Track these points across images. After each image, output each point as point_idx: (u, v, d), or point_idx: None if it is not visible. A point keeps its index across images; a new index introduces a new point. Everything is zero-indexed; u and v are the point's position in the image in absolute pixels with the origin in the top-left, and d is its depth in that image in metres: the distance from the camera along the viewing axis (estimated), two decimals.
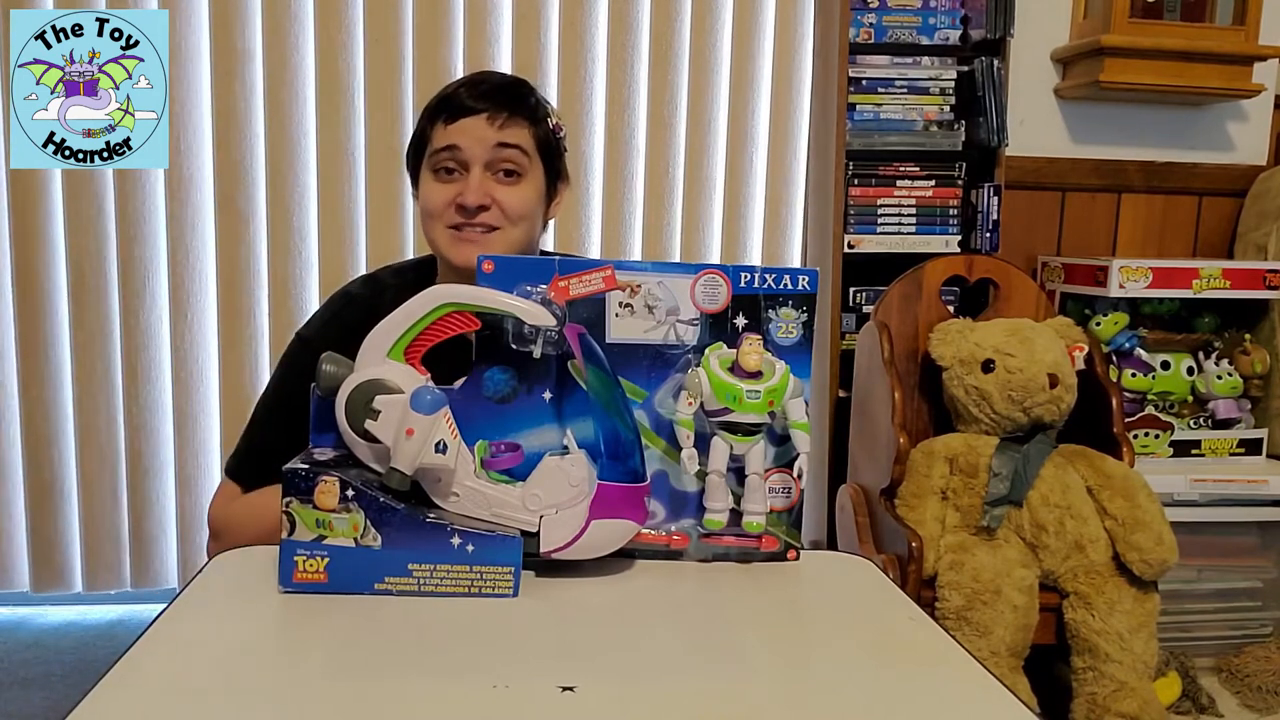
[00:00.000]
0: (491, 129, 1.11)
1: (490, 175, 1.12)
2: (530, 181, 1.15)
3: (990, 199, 2.07)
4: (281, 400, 1.18)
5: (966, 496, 1.67)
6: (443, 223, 1.13)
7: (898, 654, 0.74)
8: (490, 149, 1.11)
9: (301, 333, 1.23)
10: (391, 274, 1.27)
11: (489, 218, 1.12)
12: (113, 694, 0.63)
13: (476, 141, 1.11)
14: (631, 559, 0.88)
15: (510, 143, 1.12)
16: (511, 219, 1.13)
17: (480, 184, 1.11)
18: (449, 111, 1.12)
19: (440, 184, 1.13)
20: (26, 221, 2.03)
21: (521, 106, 1.14)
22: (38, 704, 1.85)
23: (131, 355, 2.08)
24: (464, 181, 1.12)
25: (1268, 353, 2.10)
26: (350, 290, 1.25)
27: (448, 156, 1.12)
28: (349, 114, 2.06)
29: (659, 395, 0.87)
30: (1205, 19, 2.18)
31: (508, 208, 1.12)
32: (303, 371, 1.18)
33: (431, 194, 1.14)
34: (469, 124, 1.11)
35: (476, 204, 1.11)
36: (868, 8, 2.05)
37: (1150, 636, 1.59)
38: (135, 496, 2.12)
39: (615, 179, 2.15)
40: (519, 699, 0.63)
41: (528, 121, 1.14)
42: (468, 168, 1.12)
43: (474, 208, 1.11)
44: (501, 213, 1.12)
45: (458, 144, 1.11)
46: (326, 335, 1.17)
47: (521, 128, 1.13)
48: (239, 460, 1.20)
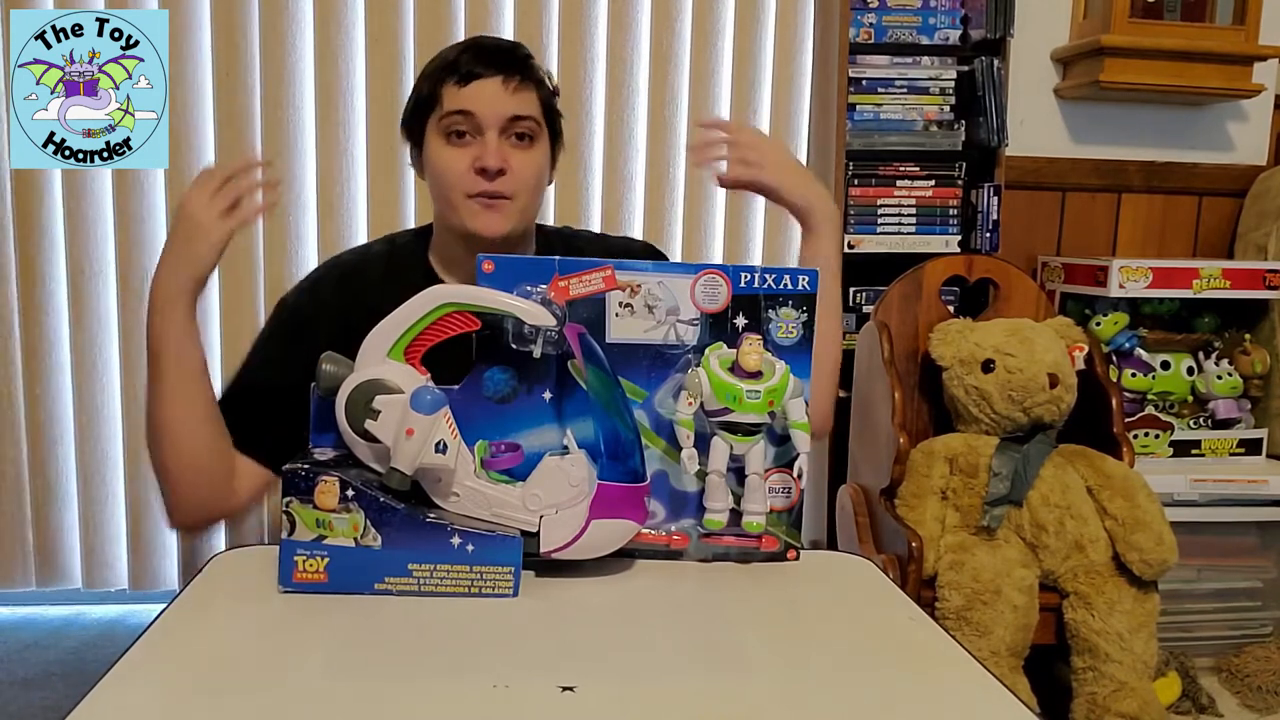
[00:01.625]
0: (506, 93, 1.10)
1: (504, 140, 1.11)
2: (540, 147, 1.15)
3: (990, 199, 2.07)
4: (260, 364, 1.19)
5: (966, 496, 1.67)
6: (462, 189, 1.11)
7: (898, 654, 0.74)
8: (506, 118, 1.10)
9: (286, 296, 1.24)
10: (380, 241, 1.27)
11: (504, 184, 1.10)
12: (113, 694, 0.63)
13: (492, 105, 1.10)
14: (631, 559, 0.88)
15: (524, 114, 1.11)
16: (525, 186, 1.12)
17: (497, 147, 1.10)
18: (460, 74, 1.11)
19: (454, 148, 1.11)
20: (27, 222, 2.03)
21: (530, 70, 1.14)
22: (38, 704, 1.85)
23: (131, 355, 2.08)
24: (479, 144, 1.10)
25: (1268, 353, 2.10)
26: (338, 258, 1.26)
27: (461, 119, 1.10)
28: (349, 114, 2.06)
29: (659, 395, 0.87)
30: (1205, 19, 2.17)
31: (521, 174, 1.11)
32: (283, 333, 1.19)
33: (448, 158, 1.11)
34: (483, 86, 1.10)
35: (497, 166, 1.09)
36: (868, 8, 2.05)
37: (1150, 636, 1.59)
38: (135, 496, 2.12)
39: (615, 179, 2.15)
40: (519, 699, 0.63)
41: (535, 86, 1.14)
42: (481, 131, 1.10)
43: (494, 171, 1.09)
44: (516, 179, 1.11)
45: (473, 109, 1.10)
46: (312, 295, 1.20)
47: (530, 92, 1.13)
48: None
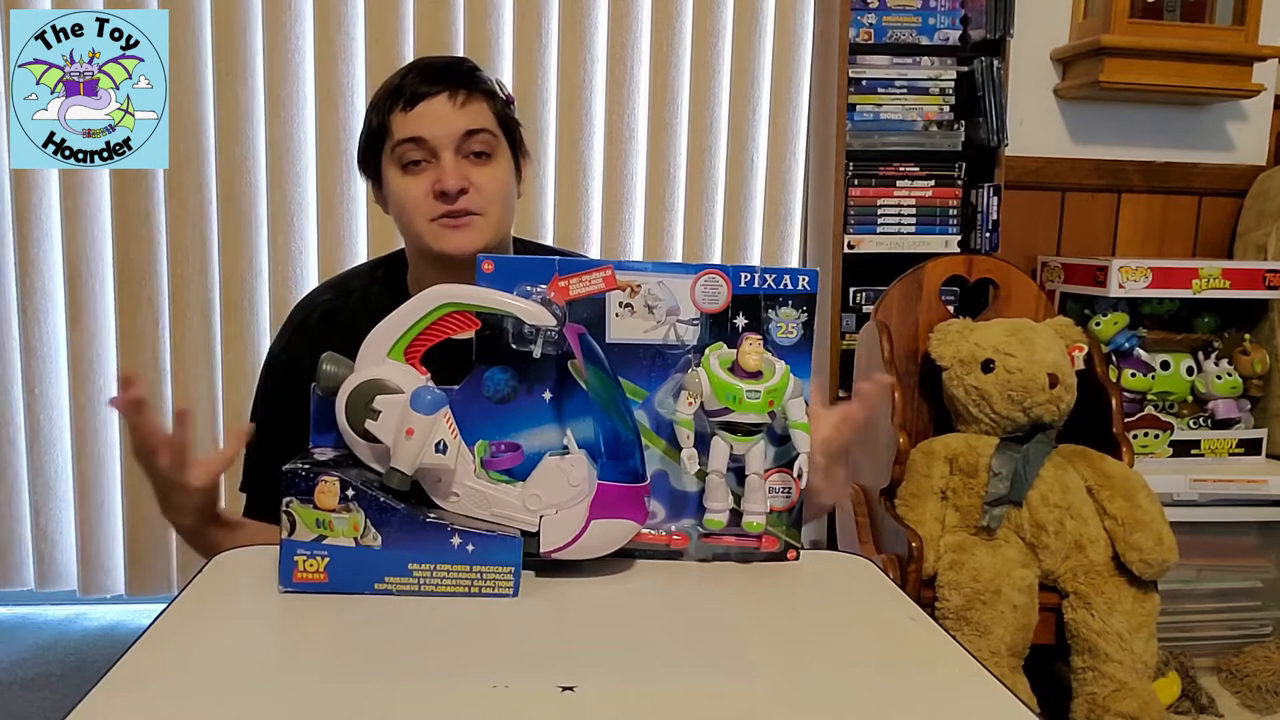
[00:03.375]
0: (454, 109, 1.08)
1: (461, 158, 1.09)
2: (501, 160, 1.12)
3: (990, 199, 2.07)
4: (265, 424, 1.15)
5: (966, 496, 1.67)
6: (424, 215, 1.09)
7: (898, 654, 0.74)
8: (458, 136, 1.08)
9: (271, 349, 1.22)
10: (357, 275, 1.26)
11: (468, 202, 1.08)
12: (112, 694, 0.63)
13: (442, 126, 1.08)
14: (631, 559, 0.88)
15: (477, 128, 1.09)
16: (491, 200, 1.10)
17: (454, 167, 1.08)
18: (405, 99, 1.08)
19: (411, 177, 1.09)
20: (27, 222, 2.03)
21: (478, 82, 1.11)
22: (37, 704, 1.85)
23: (130, 356, 2.08)
24: (436, 168, 1.08)
25: (1267, 353, 2.10)
26: (315, 299, 1.24)
27: (413, 147, 1.08)
28: (349, 114, 2.06)
29: (659, 395, 0.87)
30: (1205, 19, 2.17)
31: (485, 189, 1.09)
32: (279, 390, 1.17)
33: (406, 188, 1.09)
34: (430, 107, 1.08)
35: (457, 187, 1.07)
36: (868, 8, 2.05)
37: (1150, 636, 1.59)
38: (135, 497, 2.12)
39: (615, 179, 2.15)
40: (519, 699, 0.63)
41: (486, 98, 1.11)
42: (436, 155, 1.08)
43: (455, 192, 1.07)
44: (480, 195, 1.09)
45: (422, 134, 1.08)
46: (295, 349, 1.17)
47: (481, 104, 1.10)
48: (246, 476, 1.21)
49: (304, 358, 1.14)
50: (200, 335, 2.10)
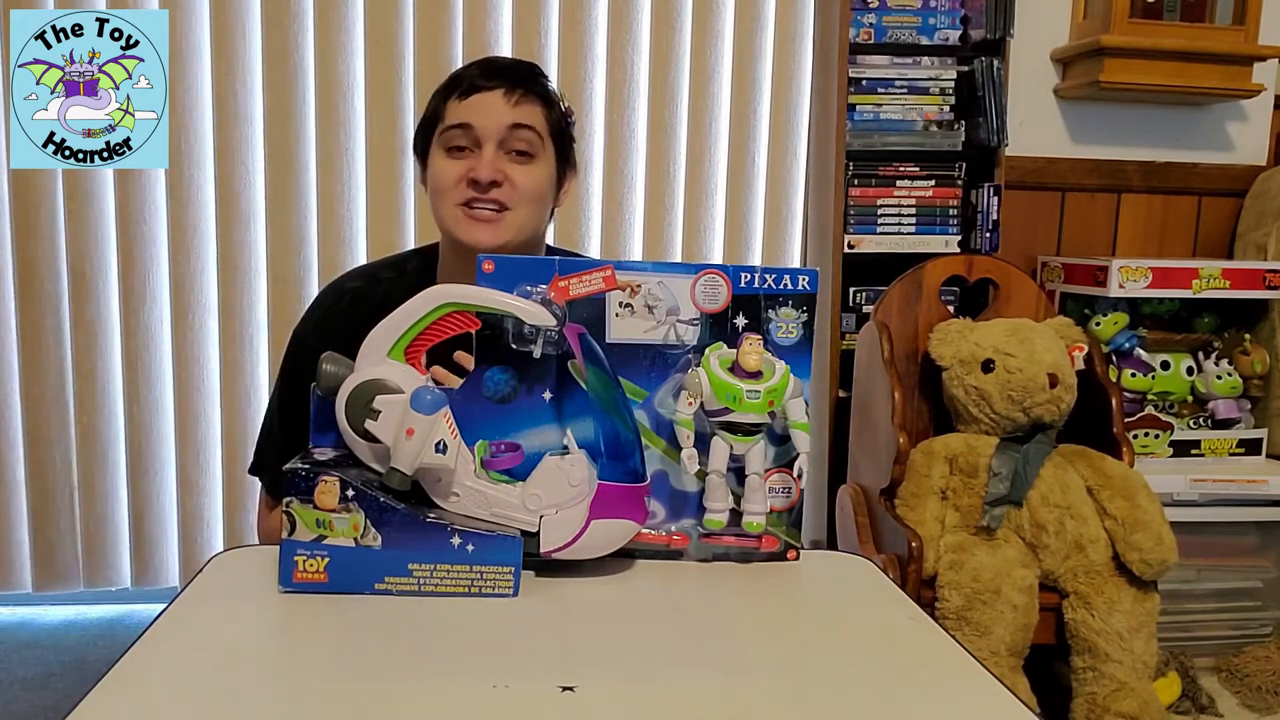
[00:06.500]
0: (506, 105, 1.10)
1: (503, 153, 1.10)
2: (542, 164, 1.13)
3: (990, 199, 2.07)
4: (284, 403, 1.18)
5: (966, 496, 1.67)
6: (453, 200, 1.11)
7: (898, 654, 0.74)
8: (504, 128, 1.10)
9: (298, 331, 1.23)
10: (387, 266, 1.26)
11: (500, 195, 1.10)
12: (113, 694, 0.63)
13: (490, 118, 1.10)
14: (631, 559, 0.88)
15: (524, 123, 1.11)
16: (523, 198, 1.11)
17: (493, 160, 1.10)
18: (462, 88, 1.11)
19: (452, 160, 1.11)
20: (27, 222, 2.03)
21: (535, 85, 1.13)
22: (38, 704, 1.85)
23: (131, 355, 2.08)
24: (476, 157, 1.10)
25: (1267, 353, 2.10)
26: (343, 284, 1.25)
27: (460, 134, 1.10)
28: (349, 114, 2.06)
29: (659, 395, 0.87)
30: (1205, 19, 2.18)
31: (520, 186, 1.11)
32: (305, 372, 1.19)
33: (443, 170, 1.11)
34: (483, 99, 1.10)
35: (489, 179, 1.09)
36: (868, 8, 2.05)
37: (1150, 636, 1.59)
38: (135, 496, 2.12)
39: (615, 179, 2.15)
40: (519, 699, 0.63)
41: (541, 102, 1.13)
42: (480, 145, 1.10)
43: (486, 182, 1.09)
44: (513, 191, 1.10)
45: (471, 121, 1.10)
46: (322, 331, 1.18)
47: (535, 107, 1.12)
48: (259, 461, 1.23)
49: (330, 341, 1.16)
50: (201, 335, 2.10)
